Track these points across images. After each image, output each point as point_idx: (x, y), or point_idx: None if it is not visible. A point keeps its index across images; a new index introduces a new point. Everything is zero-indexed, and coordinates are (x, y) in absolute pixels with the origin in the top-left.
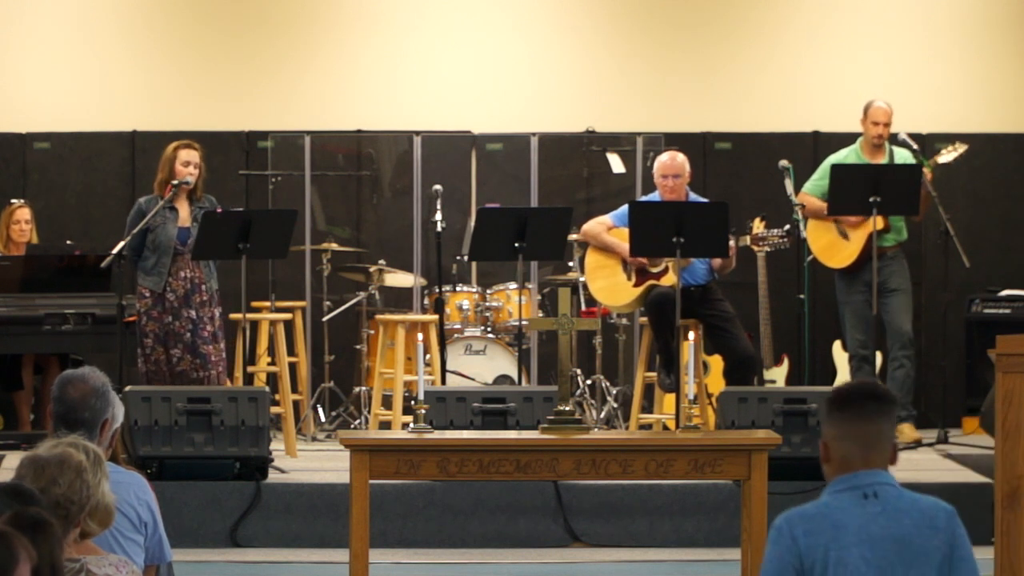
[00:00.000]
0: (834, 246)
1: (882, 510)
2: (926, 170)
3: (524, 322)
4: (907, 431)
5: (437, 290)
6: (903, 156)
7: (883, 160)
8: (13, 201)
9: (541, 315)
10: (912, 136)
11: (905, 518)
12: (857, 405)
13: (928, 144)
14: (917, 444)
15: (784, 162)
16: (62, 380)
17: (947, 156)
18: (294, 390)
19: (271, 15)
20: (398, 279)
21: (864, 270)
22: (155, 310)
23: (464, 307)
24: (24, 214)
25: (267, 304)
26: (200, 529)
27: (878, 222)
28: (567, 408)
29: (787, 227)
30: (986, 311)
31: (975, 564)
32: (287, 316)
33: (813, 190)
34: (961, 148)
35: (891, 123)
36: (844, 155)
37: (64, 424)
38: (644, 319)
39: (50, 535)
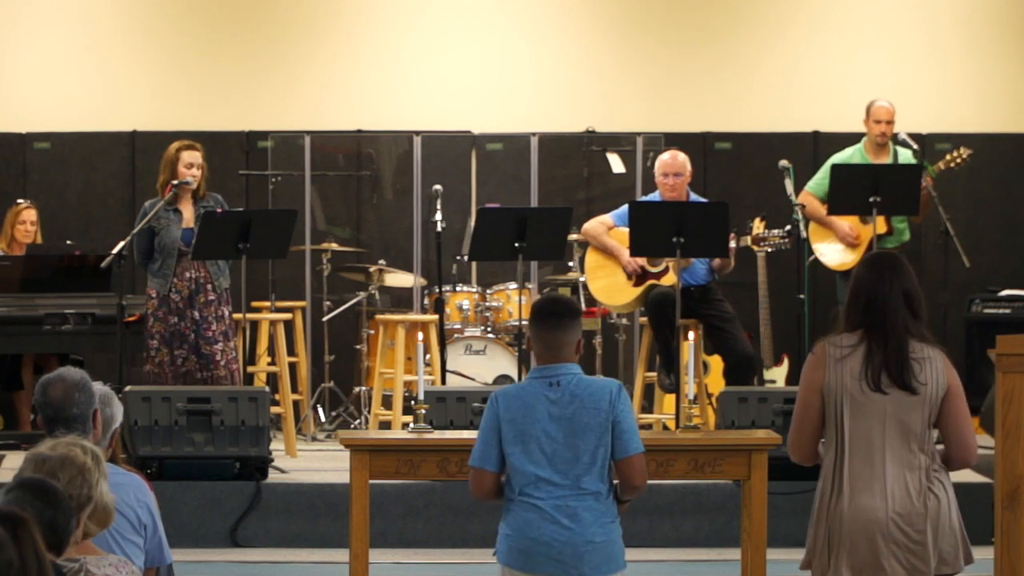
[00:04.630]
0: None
1: (561, 395)
2: (928, 175)
3: (524, 322)
4: None
5: (437, 290)
6: (907, 156)
7: (887, 160)
8: (20, 201)
9: None
10: (912, 136)
11: (577, 401)
12: (543, 320)
13: (928, 144)
14: None
15: (784, 162)
16: (42, 385)
17: (948, 162)
18: (294, 390)
19: (271, 15)
20: (398, 279)
21: None
22: (160, 311)
23: (464, 307)
24: (30, 215)
25: (267, 304)
26: (200, 529)
27: (880, 224)
28: None
29: (788, 227)
30: (986, 311)
31: (631, 428)
32: (287, 316)
33: (816, 190)
34: (965, 153)
35: (894, 122)
36: (848, 155)
37: (56, 425)
38: (644, 319)
39: (30, 532)
